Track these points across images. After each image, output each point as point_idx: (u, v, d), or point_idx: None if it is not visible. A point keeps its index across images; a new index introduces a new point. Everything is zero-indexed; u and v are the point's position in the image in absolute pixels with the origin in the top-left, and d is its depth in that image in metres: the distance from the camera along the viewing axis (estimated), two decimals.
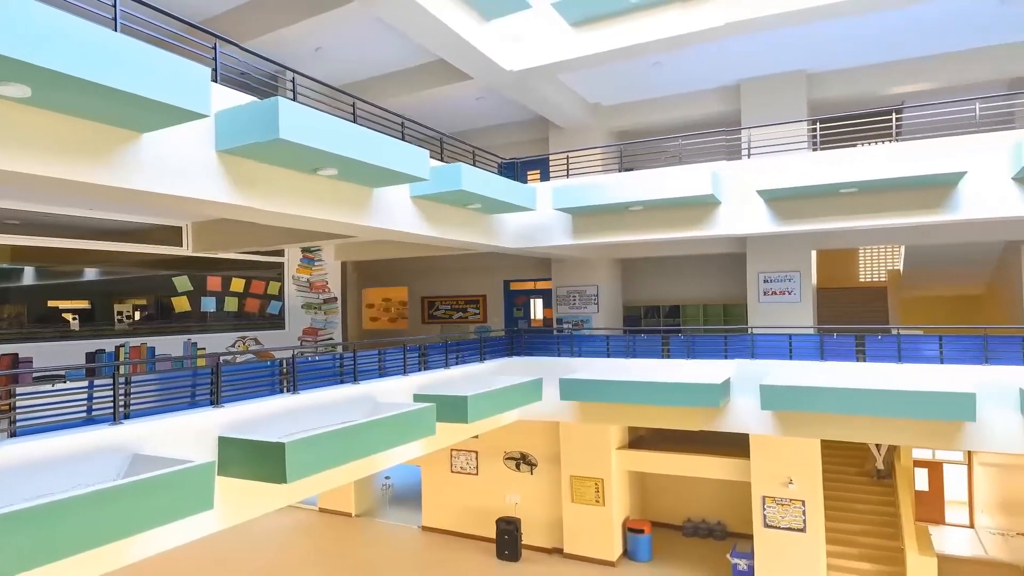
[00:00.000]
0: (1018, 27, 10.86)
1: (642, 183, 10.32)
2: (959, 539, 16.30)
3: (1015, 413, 9.02)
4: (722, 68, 12.68)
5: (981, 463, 16.82)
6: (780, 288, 12.76)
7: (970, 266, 15.33)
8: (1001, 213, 8.85)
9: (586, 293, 15.24)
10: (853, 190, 9.35)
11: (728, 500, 15.71)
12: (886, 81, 12.53)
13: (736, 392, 10.69)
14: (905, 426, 9.55)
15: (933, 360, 9.86)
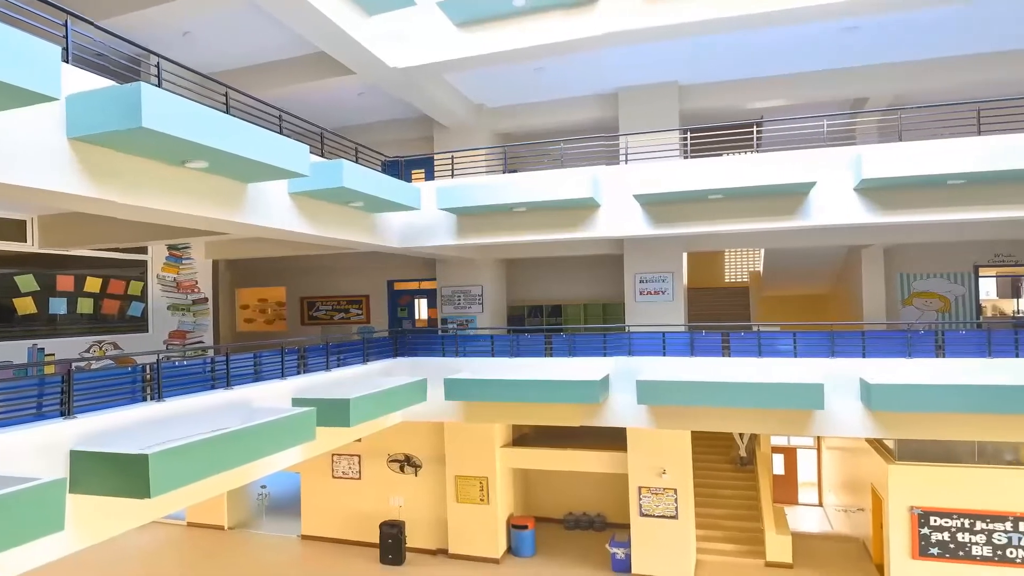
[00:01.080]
0: (858, 54, 12.05)
1: (526, 185, 10.51)
2: (810, 517, 17.87)
3: (856, 401, 10.01)
4: (601, 76, 13.15)
5: (828, 447, 18.52)
6: (655, 288, 13.42)
7: (819, 268, 16.85)
8: (844, 220, 9.80)
9: (471, 293, 15.31)
10: (720, 196, 10.01)
11: (607, 492, 16.33)
12: (748, 96, 13.50)
13: (615, 388, 11.13)
14: (765, 415, 10.35)
15: (788, 354, 10.75)
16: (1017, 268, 14.29)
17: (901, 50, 11.91)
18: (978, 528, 12.28)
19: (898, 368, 10.01)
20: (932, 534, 12.47)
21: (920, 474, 12.62)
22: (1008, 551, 12.15)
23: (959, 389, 9.12)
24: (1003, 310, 14.93)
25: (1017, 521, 12.11)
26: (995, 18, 10.56)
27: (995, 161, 8.58)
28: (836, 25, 10.78)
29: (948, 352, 10.15)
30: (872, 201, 9.65)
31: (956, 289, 14.41)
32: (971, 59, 12.12)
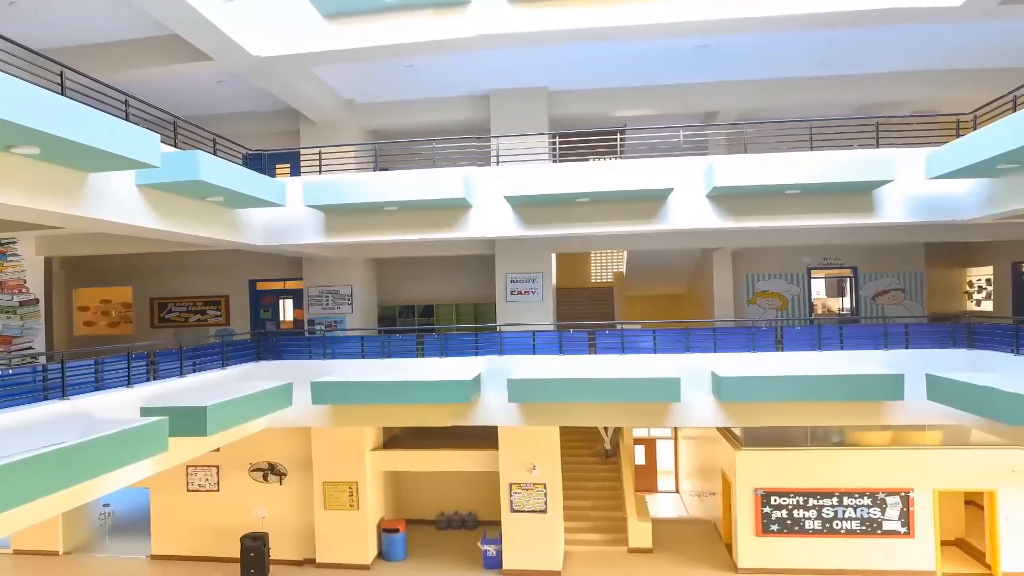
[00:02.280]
0: (710, 71, 12.97)
1: (398, 183, 10.36)
2: (668, 503, 19.02)
3: (708, 393, 10.78)
4: (473, 77, 13.24)
5: (684, 437, 19.79)
6: (525, 288, 13.71)
7: (676, 269, 17.96)
8: (698, 225, 10.52)
9: (340, 293, 14.86)
10: (587, 200, 10.40)
11: (479, 491, 16.46)
12: (613, 105, 14.14)
13: (486, 387, 11.25)
14: (628, 409, 10.89)
15: (648, 351, 11.36)
16: (842, 270, 16.00)
17: (746, 69, 12.95)
18: (811, 505, 13.64)
19: (744, 362, 10.88)
20: (773, 512, 13.69)
21: (763, 458, 13.82)
22: (835, 523, 13.58)
23: (795, 380, 10.07)
24: (831, 308, 16.67)
25: (842, 496, 13.57)
26: (823, 46, 11.74)
27: (825, 174, 9.57)
28: (690, 43, 11.54)
29: (786, 346, 11.18)
30: (722, 207, 10.42)
31: (792, 289, 15.90)
32: (805, 81, 13.41)
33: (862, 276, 15.82)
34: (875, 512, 13.48)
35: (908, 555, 13.40)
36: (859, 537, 13.50)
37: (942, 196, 10.09)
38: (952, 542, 14.53)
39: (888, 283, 15.75)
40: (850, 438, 14.05)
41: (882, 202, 10.19)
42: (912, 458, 13.53)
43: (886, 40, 11.43)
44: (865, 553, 13.47)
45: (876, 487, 13.48)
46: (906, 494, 13.41)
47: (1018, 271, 14.54)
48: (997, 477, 13.31)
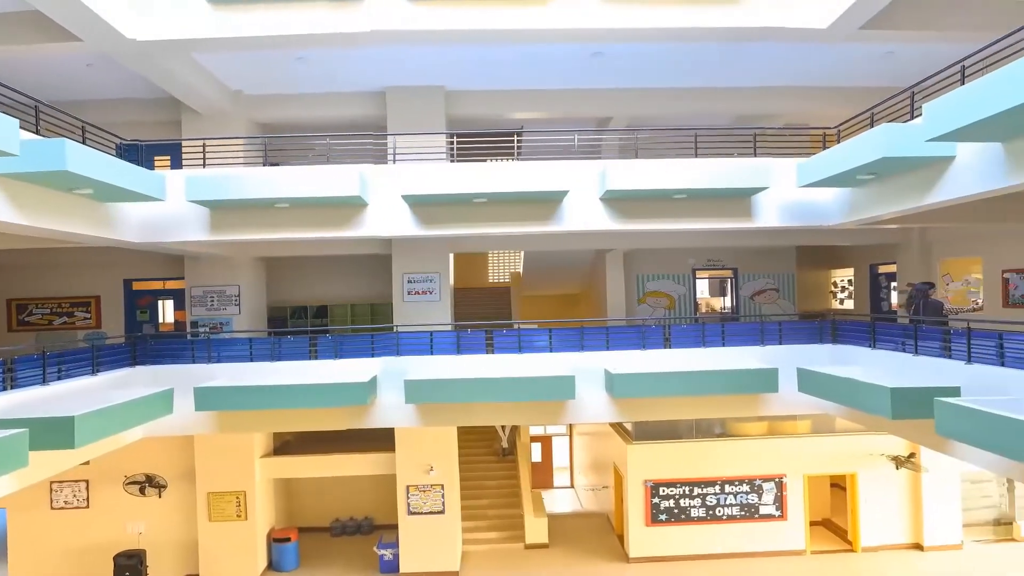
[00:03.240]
0: (603, 77, 13.37)
1: (290, 179, 9.98)
2: (564, 498, 19.46)
3: (601, 390, 11.11)
4: (369, 73, 12.97)
5: (579, 433, 20.32)
6: (422, 288, 13.59)
7: (571, 270, 18.40)
8: (592, 226, 10.84)
9: (226, 293, 14.11)
10: (484, 200, 10.45)
11: (376, 494, 16.15)
12: (511, 106, 14.28)
13: (383, 389, 11.04)
14: (525, 408, 11.03)
15: (544, 349, 11.57)
16: (724, 271, 16.98)
17: (638, 78, 13.45)
18: (695, 493, 14.38)
19: (635, 359, 11.30)
20: (661, 502, 14.32)
21: (652, 451, 14.43)
22: (717, 510, 14.40)
23: (681, 375, 10.58)
24: (714, 307, 17.65)
25: (724, 484, 14.40)
26: (707, 59, 12.40)
27: (708, 180, 10.12)
28: (585, 49, 11.85)
29: (673, 344, 11.71)
30: (615, 210, 10.79)
31: (679, 289, 16.69)
32: (691, 91, 14.10)
33: (742, 277, 16.85)
34: (753, 498, 14.41)
35: (782, 536, 14.44)
36: (739, 522, 14.39)
37: (811, 203, 10.93)
38: (819, 522, 15.79)
39: (764, 283, 16.87)
40: (731, 429, 14.95)
41: (759, 207, 10.89)
42: (785, 446, 14.59)
43: (762, 56, 12.22)
44: (744, 537, 14.38)
45: (754, 474, 14.42)
46: (780, 480, 14.43)
47: (875, 272, 15.99)
48: (857, 461, 14.59)
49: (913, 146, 7.77)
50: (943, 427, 7.18)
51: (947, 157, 7.83)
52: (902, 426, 9.01)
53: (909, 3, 10.15)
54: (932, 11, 10.26)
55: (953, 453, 8.25)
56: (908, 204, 8.81)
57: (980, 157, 7.34)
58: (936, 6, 10.24)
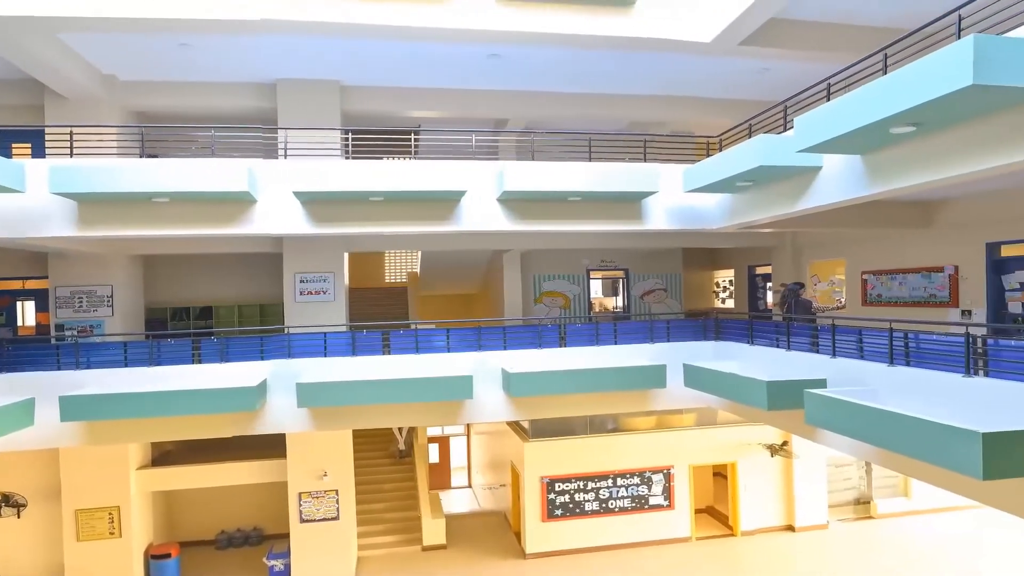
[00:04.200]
0: (501, 79, 13.49)
1: (170, 172, 9.37)
2: (461, 498, 19.46)
3: (499, 389, 11.20)
4: (259, 63, 12.42)
5: (476, 433, 20.39)
6: (316, 288, 13.17)
7: (469, 269, 18.43)
8: (490, 227, 10.90)
9: (97, 294, 13.06)
10: (381, 199, 10.27)
11: (265, 503, 15.48)
12: (408, 104, 14.11)
13: (273, 393, 10.60)
14: (422, 409, 10.93)
15: (442, 349, 11.53)
16: (616, 272, 17.58)
17: (535, 81, 13.67)
18: (589, 488, 14.80)
19: (532, 358, 11.48)
20: (557, 498, 14.64)
21: (548, 448, 14.72)
22: (610, 503, 14.88)
23: (576, 373, 10.85)
24: (607, 306, 18.23)
25: (616, 478, 14.91)
26: (601, 66, 12.79)
27: (602, 184, 10.45)
28: (482, 50, 11.91)
29: (569, 342, 12.00)
30: (512, 211, 10.91)
31: (574, 289, 17.12)
32: (585, 97, 14.49)
33: (633, 277, 17.51)
34: (643, 489, 15.01)
35: (669, 525, 15.14)
36: (630, 513, 14.95)
37: (696, 207, 11.53)
38: (703, 510, 16.69)
39: (653, 284, 17.61)
40: (623, 425, 15.51)
41: (649, 211, 11.37)
42: (672, 439, 15.30)
43: (653, 66, 12.74)
44: (635, 527, 14.96)
45: (644, 467, 15.04)
46: (668, 471, 15.13)
47: (753, 273, 17.09)
48: (737, 451, 15.54)
49: (785, 156, 8.37)
50: (812, 416, 7.79)
51: (815, 167, 8.49)
52: (776, 416, 9.68)
53: (782, 25, 10.95)
54: (801, 33, 11.11)
55: (820, 440, 8.95)
56: (781, 210, 9.48)
57: (843, 168, 8.01)
58: (805, 29, 11.10)
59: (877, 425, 6.67)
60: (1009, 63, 5.10)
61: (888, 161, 7.21)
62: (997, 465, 5.35)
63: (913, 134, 6.52)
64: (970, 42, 5.09)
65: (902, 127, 6.32)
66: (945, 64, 5.34)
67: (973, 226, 10.73)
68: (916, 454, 6.18)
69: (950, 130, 6.27)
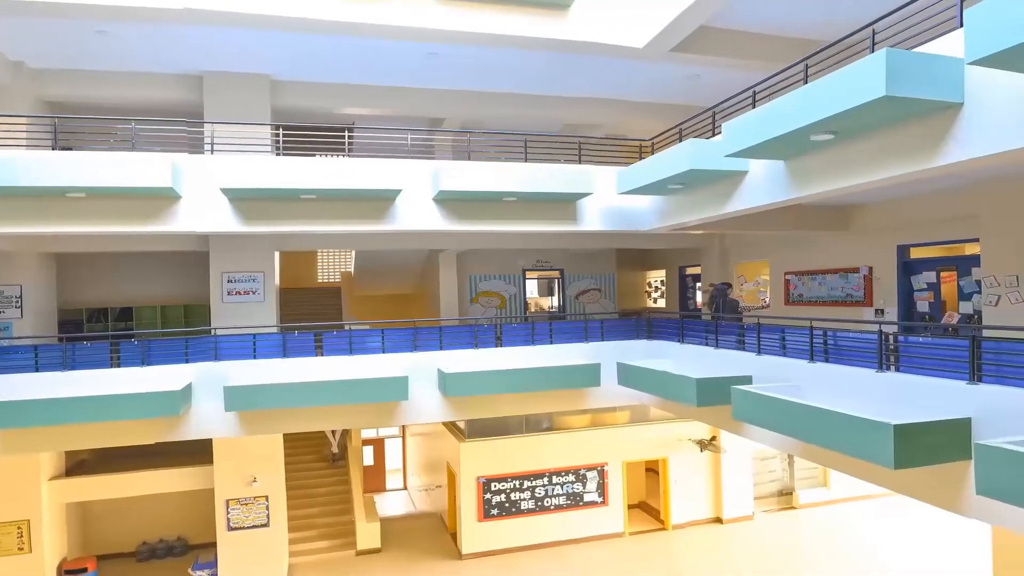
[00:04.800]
0: (438, 78, 13.40)
1: (87, 166, 8.88)
2: (397, 501, 19.24)
3: (435, 390, 11.13)
4: (184, 54, 11.91)
5: (412, 434, 20.21)
6: (245, 288, 12.75)
7: (405, 269, 18.25)
8: (425, 226, 10.83)
9: (3, 294, 12.26)
10: (313, 197, 10.04)
11: (190, 512, 14.90)
12: (342, 101, 13.84)
13: (199, 397, 10.20)
14: (357, 411, 10.74)
15: (377, 350, 11.36)
16: (552, 272, 17.75)
17: (471, 80, 13.64)
18: (525, 487, 14.89)
19: (468, 358, 11.46)
20: (493, 497, 14.66)
21: (484, 448, 14.73)
22: (546, 501, 15.02)
23: (512, 373, 10.90)
24: (542, 306, 18.39)
25: (551, 476, 15.05)
26: (536, 67, 12.87)
27: (537, 184, 10.52)
28: (420, 48, 11.80)
29: (505, 342, 12.03)
30: (448, 211, 10.86)
31: (510, 289, 17.19)
32: (522, 97, 14.54)
33: (568, 277, 17.72)
34: (578, 487, 15.22)
35: (603, 520, 15.40)
36: (565, 511, 15.13)
37: (629, 209, 11.77)
38: (636, 505, 17.05)
39: (588, 284, 17.87)
40: (558, 423, 15.67)
41: (583, 212, 11.53)
42: (606, 436, 15.58)
43: (588, 69, 12.92)
44: (570, 524, 15.15)
45: (579, 464, 15.24)
46: (602, 468, 15.38)
47: (683, 274, 17.57)
48: (668, 447, 15.95)
49: (714, 160, 8.65)
50: (738, 412, 8.08)
51: (742, 171, 8.81)
52: (705, 412, 9.99)
53: (711, 33, 11.30)
54: (729, 42, 11.50)
55: (746, 435, 9.28)
56: (710, 212, 9.79)
57: (768, 173, 8.34)
58: (732, 38, 11.49)
59: (798, 419, 6.97)
60: (918, 76, 5.42)
61: (809, 167, 7.54)
62: (907, 455, 5.68)
63: (832, 142, 6.85)
64: (883, 56, 5.38)
65: (821, 135, 6.63)
66: (860, 76, 5.63)
67: (886, 230, 11.36)
68: (834, 446, 6.50)
69: (865, 138, 6.61)
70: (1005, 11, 4.36)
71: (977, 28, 4.58)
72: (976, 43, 4.59)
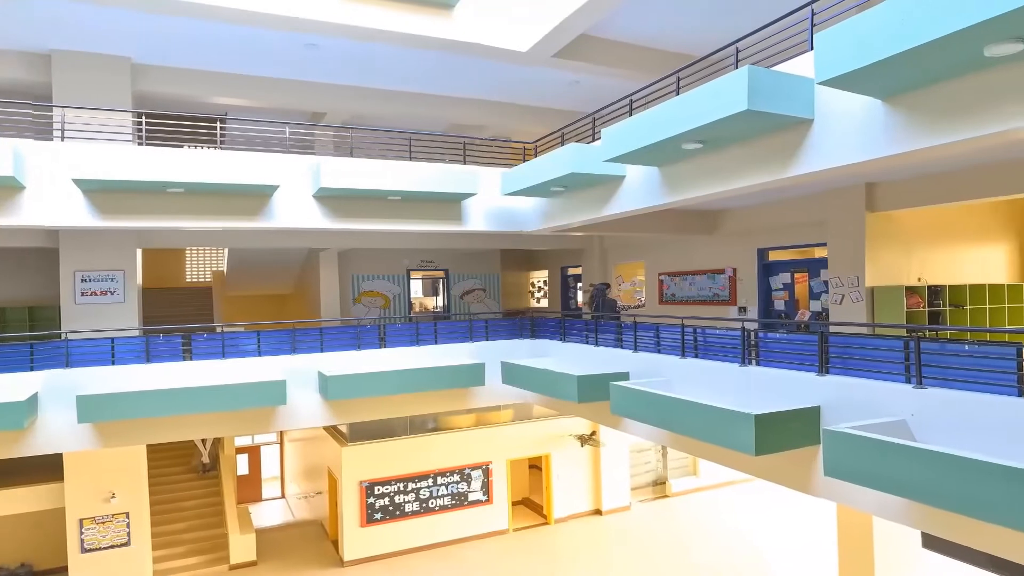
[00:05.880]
0: (318, 70, 12.97)
1: None
2: (274, 510, 18.43)
3: (315, 393, 10.76)
4: (28, 29, 10.78)
5: (290, 440, 19.44)
6: (102, 288, 11.72)
7: (283, 268, 17.52)
8: (304, 224, 10.44)
9: None
10: (180, 190, 9.40)
11: (36, 535, 13.48)
12: (213, 90, 13.05)
13: (47, 408, 9.25)
14: (230, 417, 10.17)
15: (253, 353, 10.82)
16: (437, 272, 17.68)
17: (354, 75, 13.32)
18: (410, 488, 14.73)
19: (351, 360, 11.17)
20: (376, 502, 14.39)
21: (367, 451, 14.42)
22: (430, 502, 14.93)
23: (396, 374, 10.74)
24: (427, 306, 18.27)
25: (436, 477, 14.99)
26: (422, 65, 12.78)
27: (422, 184, 10.44)
28: (299, 39, 11.36)
29: (389, 343, 11.84)
30: (329, 208, 10.53)
31: (394, 289, 16.95)
32: (407, 95, 14.38)
33: (453, 277, 17.72)
34: (463, 486, 15.25)
35: (488, 519, 15.53)
36: (451, 511, 15.11)
37: (513, 210, 11.94)
38: (520, 502, 17.34)
39: (473, 284, 17.96)
40: (443, 424, 15.63)
41: (468, 212, 11.57)
42: (491, 435, 15.72)
43: (474, 70, 12.98)
44: (456, 524, 15.15)
45: (464, 464, 15.28)
46: (486, 467, 15.50)
47: (565, 274, 18.07)
48: (551, 443, 16.34)
49: (594, 165, 8.95)
50: (616, 407, 8.41)
51: (620, 176, 9.17)
52: (586, 408, 10.32)
53: (591, 41, 11.70)
54: (609, 51, 11.95)
55: (624, 428, 9.68)
56: (590, 215, 10.12)
57: (644, 178, 8.74)
58: (612, 48, 11.96)
59: (670, 412, 7.37)
60: (775, 93, 5.88)
61: (680, 174, 7.98)
62: (766, 442, 6.15)
63: (701, 150, 7.29)
64: (745, 73, 5.80)
65: (691, 144, 7.04)
66: (725, 90, 6.03)
67: (748, 234, 12.25)
68: (702, 436, 6.92)
69: (730, 148, 7.09)
70: (848, 37, 4.83)
71: (824, 51, 5.04)
72: (824, 65, 5.05)
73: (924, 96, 5.02)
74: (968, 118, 4.74)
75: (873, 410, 6.00)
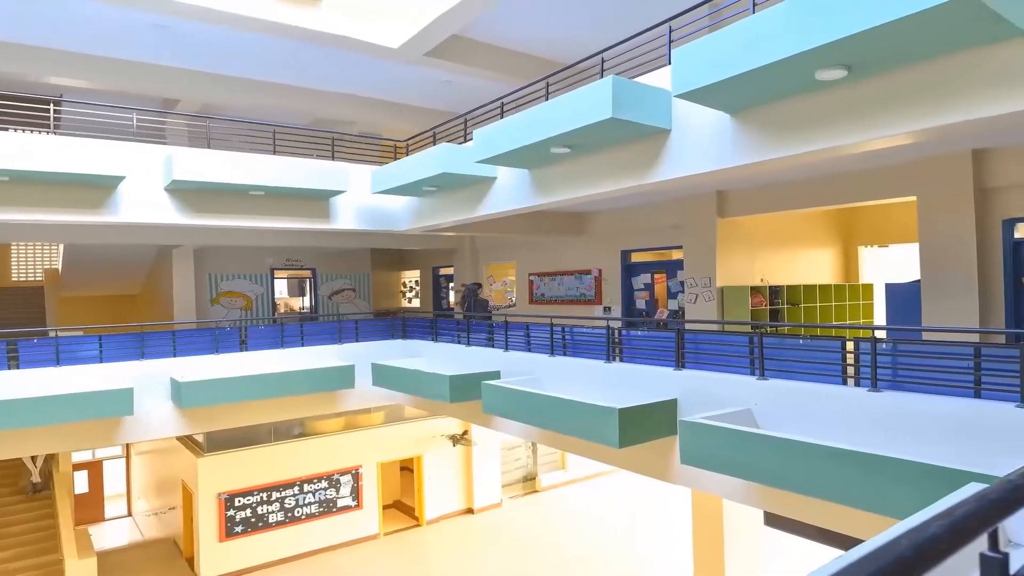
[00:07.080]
0: (169, 54, 12.04)
1: None
2: (119, 530, 16.92)
3: (167, 401, 10.00)
4: None
5: (137, 453, 17.93)
6: None
7: (129, 267, 16.11)
8: (155, 219, 9.68)
9: None
10: (5, 179, 8.40)
11: None
12: (45, 68, 11.74)
13: None
14: (66, 431, 9.20)
15: (94, 360, 9.86)
16: (303, 271, 17.01)
17: (211, 61, 12.46)
18: (274, 498, 14.07)
19: (208, 364, 10.49)
20: (237, 514, 13.61)
21: (227, 461, 13.61)
22: (296, 511, 14.34)
23: (259, 378, 10.21)
24: (293, 307, 17.53)
25: (303, 484, 14.43)
26: (287, 56, 12.21)
27: (288, 179, 10.00)
28: (144, 18, 10.47)
29: (251, 346, 11.24)
30: (183, 202, 9.83)
31: (257, 289, 16.11)
32: (270, 85, 13.66)
33: (320, 277, 17.13)
34: (332, 493, 14.78)
35: (359, 524, 15.16)
36: (319, 519, 14.60)
37: (384, 209, 11.74)
38: (391, 505, 17.07)
39: (342, 284, 17.46)
40: (310, 429, 15.07)
41: (337, 210, 11.23)
42: (361, 438, 15.35)
43: (343, 64, 12.58)
44: (324, 532, 14.65)
45: (332, 470, 14.81)
46: (356, 471, 15.13)
47: (437, 274, 18.01)
48: (423, 444, 16.23)
49: (465, 165, 9.00)
50: (488, 405, 8.51)
51: (491, 178, 9.29)
52: (458, 408, 10.35)
53: (463, 43, 11.73)
54: (480, 53, 12.03)
55: (496, 427, 9.81)
56: (462, 215, 10.17)
57: (514, 180, 8.90)
58: (483, 50, 12.04)
59: (540, 409, 7.57)
60: (638, 103, 6.20)
61: (549, 176, 8.22)
62: (629, 435, 6.47)
63: (569, 155, 7.54)
64: (609, 82, 6.06)
65: (560, 148, 7.26)
66: (591, 98, 6.28)
67: (612, 236, 12.82)
68: (570, 431, 7.17)
69: (596, 154, 7.39)
70: (701, 54, 5.19)
71: (680, 66, 5.38)
72: (680, 79, 5.39)
73: (767, 112, 5.50)
74: (804, 134, 5.26)
75: (723, 401, 6.49)
